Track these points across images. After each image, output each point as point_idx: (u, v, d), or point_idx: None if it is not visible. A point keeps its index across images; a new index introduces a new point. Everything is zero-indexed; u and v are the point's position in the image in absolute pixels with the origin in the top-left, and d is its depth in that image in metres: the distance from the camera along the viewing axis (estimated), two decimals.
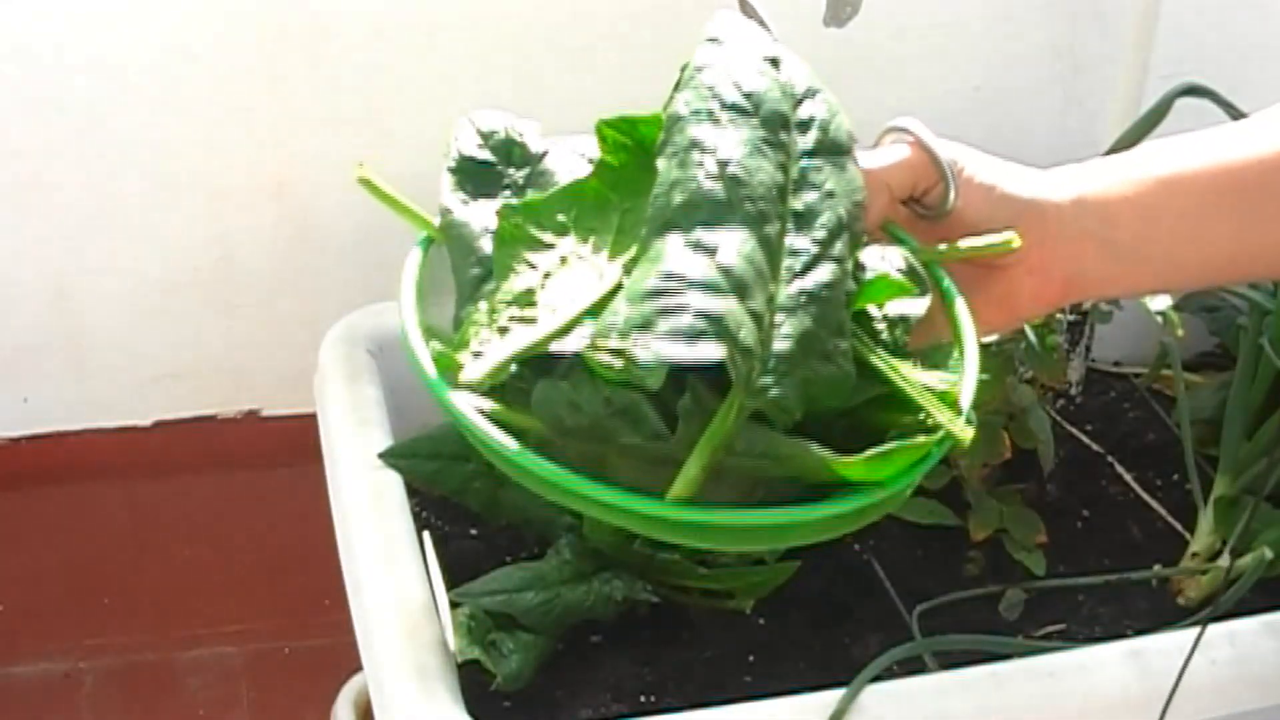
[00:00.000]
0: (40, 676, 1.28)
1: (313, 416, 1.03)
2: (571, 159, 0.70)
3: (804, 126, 0.65)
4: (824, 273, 0.61)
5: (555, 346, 0.61)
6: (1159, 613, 0.98)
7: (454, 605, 0.87)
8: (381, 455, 0.94)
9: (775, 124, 0.64)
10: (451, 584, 0.88)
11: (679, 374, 0.57)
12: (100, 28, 1.15)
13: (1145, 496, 1.09)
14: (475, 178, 0.69)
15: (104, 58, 1.16)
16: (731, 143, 0.62)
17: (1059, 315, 1.06)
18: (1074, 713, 0.83)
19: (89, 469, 1.32)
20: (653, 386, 0.56)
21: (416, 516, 0.93)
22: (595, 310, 0.61)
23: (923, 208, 0.72)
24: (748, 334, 0.57)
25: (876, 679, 0.81)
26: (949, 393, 0.63)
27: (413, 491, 0.95)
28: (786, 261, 0.61)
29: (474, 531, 1.01)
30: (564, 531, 0.94)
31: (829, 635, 0.95)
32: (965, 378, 0.64)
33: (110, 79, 1.17)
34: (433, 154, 1.25)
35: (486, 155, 0.69)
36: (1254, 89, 1.10)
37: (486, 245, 0.67)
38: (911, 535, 1.03)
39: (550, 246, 0.65)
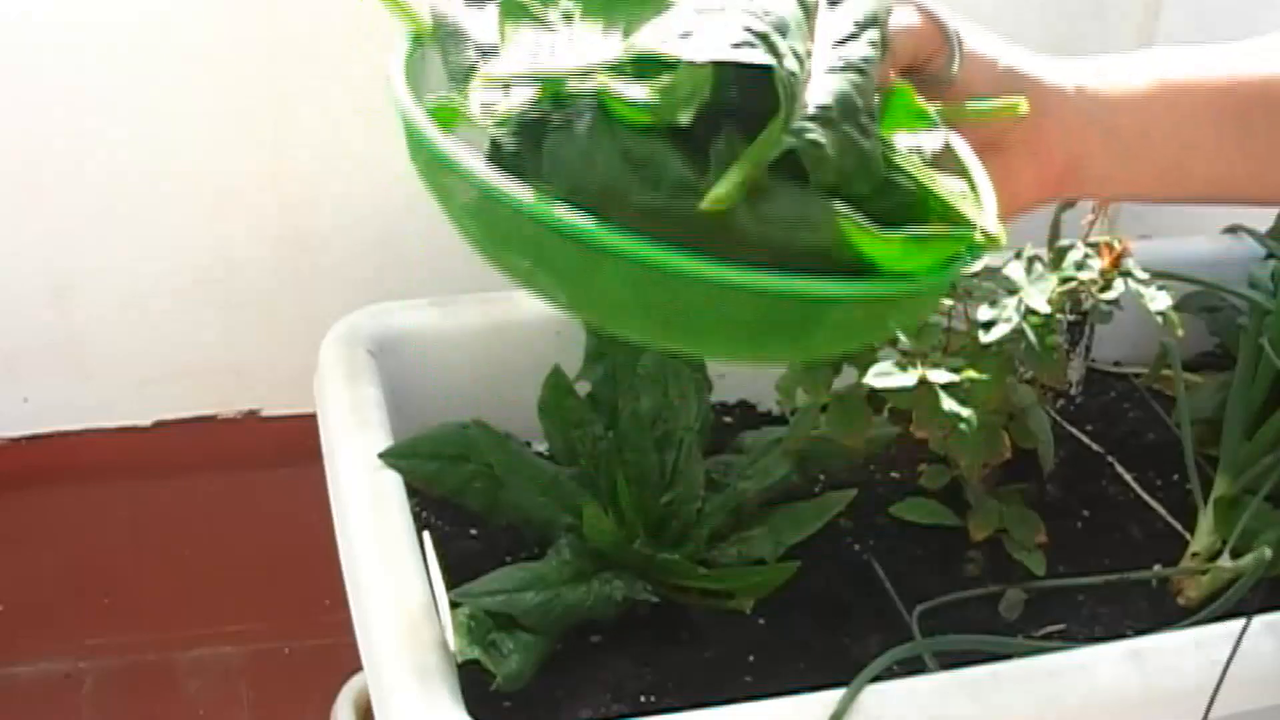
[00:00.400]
0: (40, 676, 1.28)
1: (313, 416, 1.03)
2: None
3: None
4: (860, 48, 0.58)
5: (574, 85, 0.54)
6: (1159, 613, 0.98)
7: (454, 605, 0.87)
8: (381, 455, 0.94)
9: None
10: (451, 584, 0.88)
11: (700, 126, 0.52)
12: (100, 28, 1.15)
13: (1145, 496, 1.09)
14: None
15: (104, 58, 1.16)
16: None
17: (1059, 315, 1.06)
18: (1074, 713, 0.83)
19: (89, 469, 1.32)
20: (683, 121, 0.52)
21: (416, 516, 0.93)
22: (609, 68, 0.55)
23: (924, 76, 0.69)
24: (791, 63, 0.53)
25: (876, 679, 0.81)
26: (973, 195, 0.59)
27: (413, 491, 0.95)
28: (823, 29, 0.57)
29: (474, 531, 1.01)
30: (564, 531, 0.94)
31: (829, 635, 0.95)
32: (982, 191, 0.60)
33: (110, 79, 1.17)
34: None
35: None
36: None
37: (479, 35, 0.62)
38: (911, 535, 1.03)
39: (553, 27, 0.59)
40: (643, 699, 0.90)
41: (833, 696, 0.80)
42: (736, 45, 0.52)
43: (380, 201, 1.26)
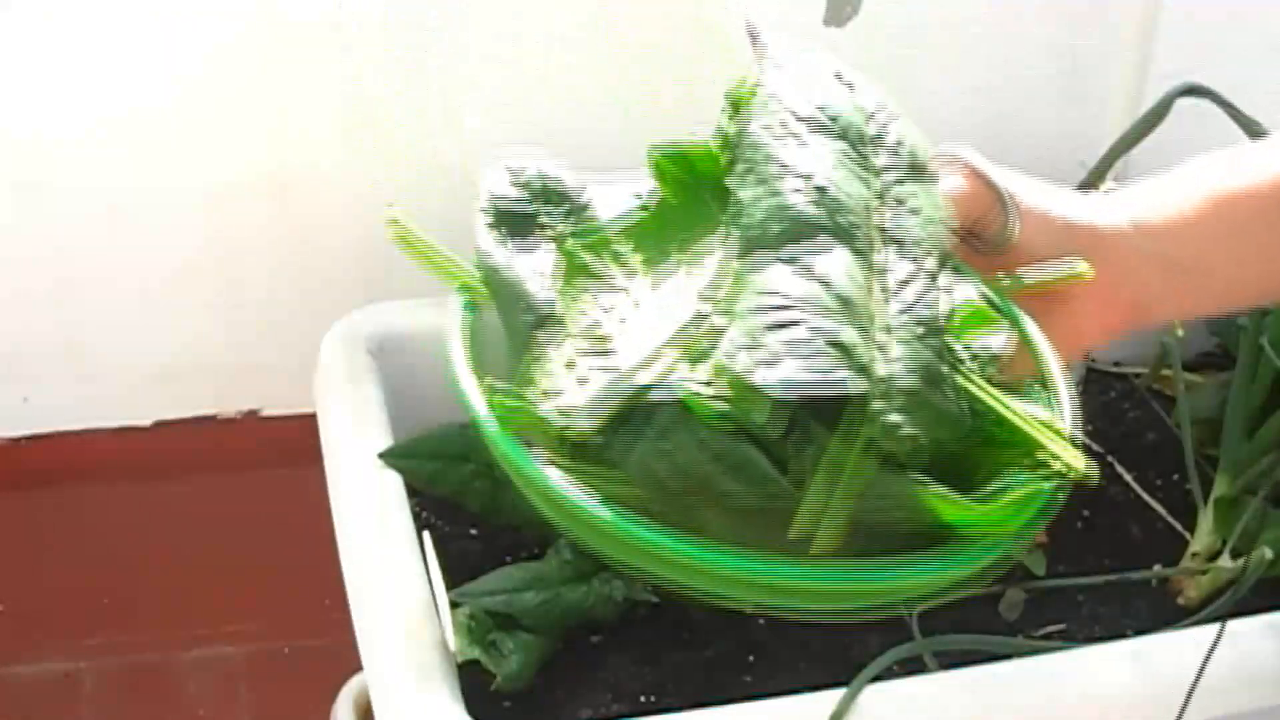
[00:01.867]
0: (40, 676, 1.28)
1: (313, 416, 1.03)
2: (614, 197, 0.66)
3: (882, 142, 0.63)
4: (925, 293, 0.59)
5: (656, 394, 0.56)
6: (1159, 613, 0.98)
7: (454, 605, 0.87)
8: (381, 455, 0.94)
9: (855, 139, 0.61)
10: (451, 584, 0.88)
11: (780, 410, 0.54)
12: (100, 27, 1.15)
13: (1145, 496, 1.09)
14: (510, 222, 0.65)
15: (104, 57, 1.16)
16: (816, 157, 0.59)
17: None
18: (1074, 712, 0.83)
19: (89, 469, 1.32)
20: (759, 421, 0.53)
21: (416, 516, 0.93)
22: (678, 349, 0.58)
23: (980, 240, 0.69)
24: (864, 353, 0.54)
25: (876, 679, 0.81)
26: (1054, 426, 0.59)
27: (413, 491, 0.95)
28: (884, 280, 0.58)
29: (474, 531, 1.01)
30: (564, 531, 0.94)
31: (829, 635, 0.95)
32: (1063, 410, 0.61)
33: (110, 78, 1.17)
34: (432, 153, 1.25)
35: (520, 197, 0.65)
36: (1254, 89, 1.10)
37: (537, 289, 0.63)
38: None
39: (615, 284, 0.62)
40: (643, 699, 0.90)
41: (833, 696, 0.80)
42: (810, 359, 0.52)
43: (380, 201, 1.26)
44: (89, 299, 1.25)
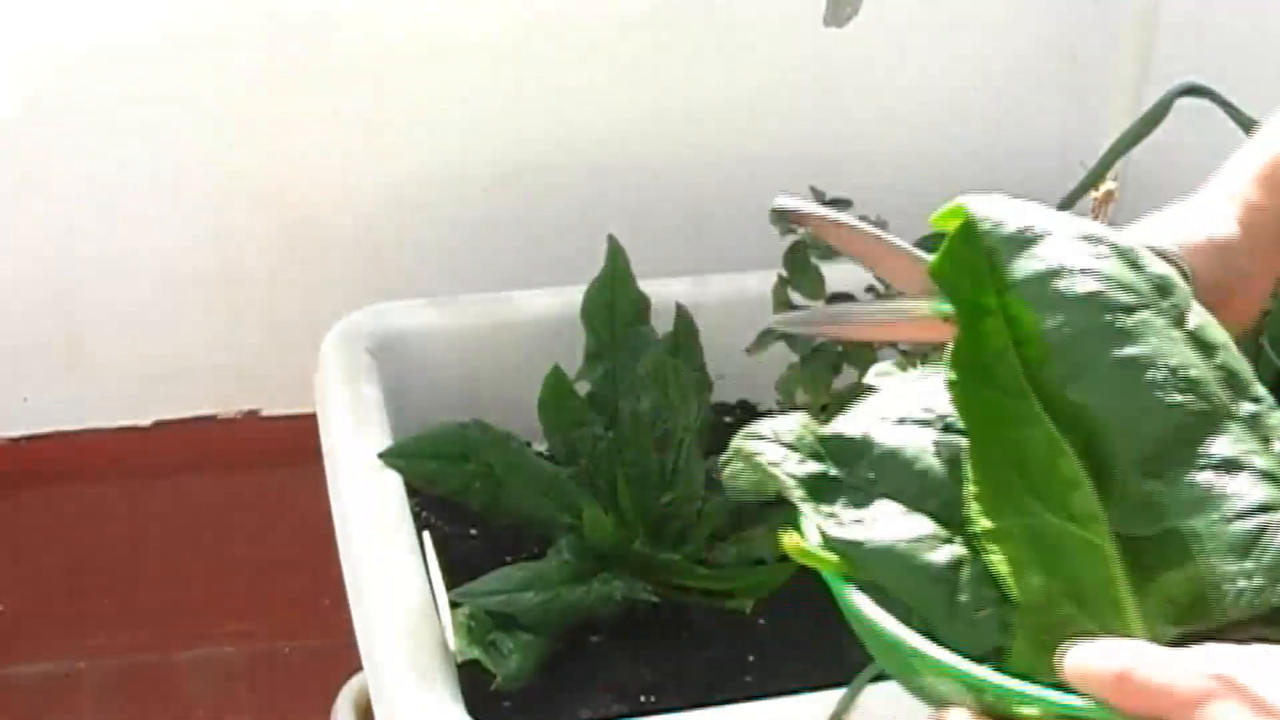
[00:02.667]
0: (40, 676, 1.28)
1: (313, 416, 1.03)
2: (899, 427, 0.60)
3: (1163, 291, 0.57)
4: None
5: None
6: None
7: (454, 605, 0.87)
8: (381, 455, 0.94)
9: (1158, 301, 0.56)
10: (451, 584, 0.88)
11: None
12: (100, 29, 1.15)
13: None
14: (819, 494, 0.58)
15: (104, 59, 1.16)
16: (1163, 344, 0.54)
17: None
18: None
19: (89, 469, 1.32)
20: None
21: (416, 516, 0.93)
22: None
23: None
24: None
25: (876, 679, 0.81)
26: None
27: (413, 491, 0.95)
28: (1259, 433, 0.55)
29: (474, 531, 1.01)
30: (564, 531, 0.94)
31: (829, 635, 0.95)
32: None
33: (111, 80, 1.17)
34: (433, 154, 1.25)
35: (813, 466, 0.59)
36: (1254, 89, 1.10)
37: (934, 555, 0.56)
38: None
39: (1009, 529, 0.56)
40: (643, 699, 0.90)
41: (833, 696, 0.80)
42: None
43: (380, 202, 1.26)
44: (89, 299, 1.25)
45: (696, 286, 1.12)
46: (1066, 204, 1.09)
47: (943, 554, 0.55)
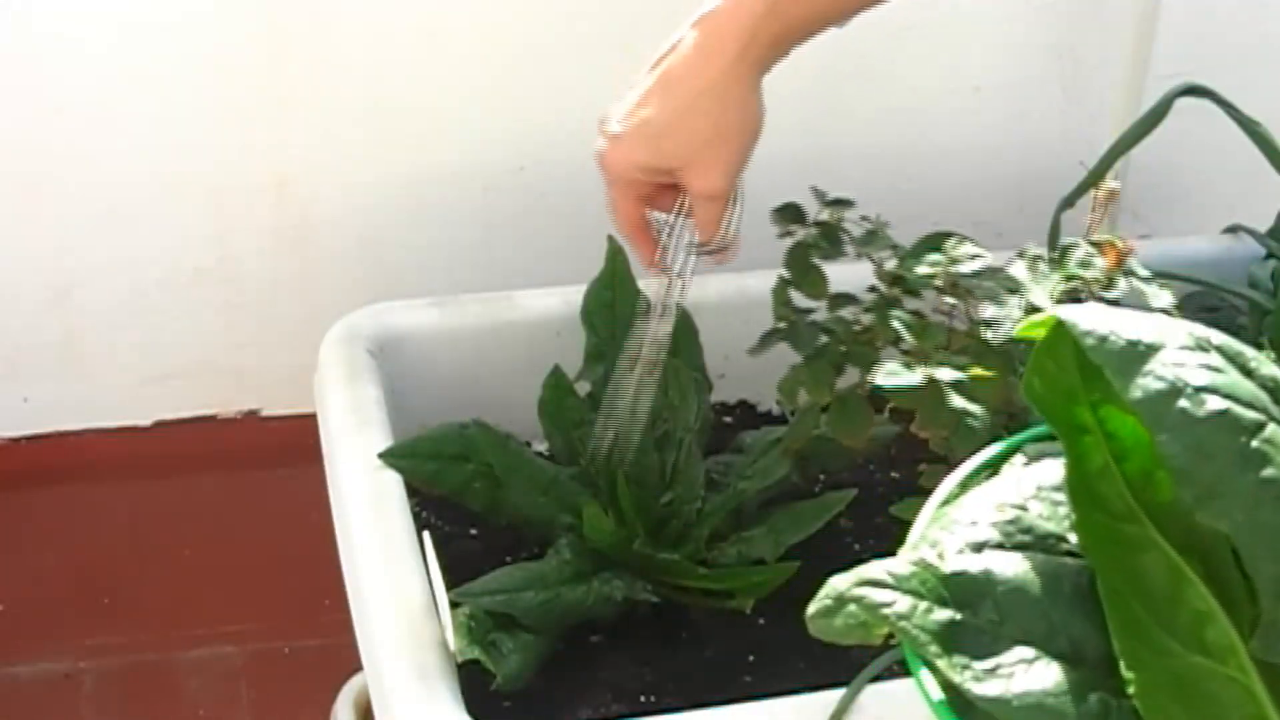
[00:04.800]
0: (40, 676, 1.28)
1: (313, 416, 1.03)
2: (1010, 556, 0.57)
3: (1277, 396, 0.54)
4: None
5: None
6: None
7: (454, 605, 0.87)
8: (381, 455, 0.94)
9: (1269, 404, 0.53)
10: (451, 584, 0.88)
11: None
12: (100, 28, 1.15)
13: None
14: (949, 642, 0.54)
15: (104, 58, 1.16)
16: None
17: None
18: None
19: (89, 469, 1.32)
20: None
21: (416, 516, 0.93)
22: None
23: None
24: None
25: (876, 679, 0.81)
26: None
27: (413, 491, 0.95)
28: None
29: (474, 531, 1.01)
30: (564, 531, 0.94)
31: None
32: None
33: (110, 79, 1.17)
34: (432, 153, 1.25)
35: (940, 613, 0.55)
36: (1254, 89, 1.10)
37: (1078, 706, 0.54)
38: None
39: (1157, 682, 0.54)
40: (643, 699, 0.90)
41: (833, 696, 0.80)
42: None
43: (380, 201, 1.26)
44: (89, 299, 1.25)
45: (696, 287, 1.12)
46: (1067, 204, 1.09)
47: (1089, 703, 0.52)
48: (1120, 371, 0.51)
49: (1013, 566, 0.55)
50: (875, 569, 0.56)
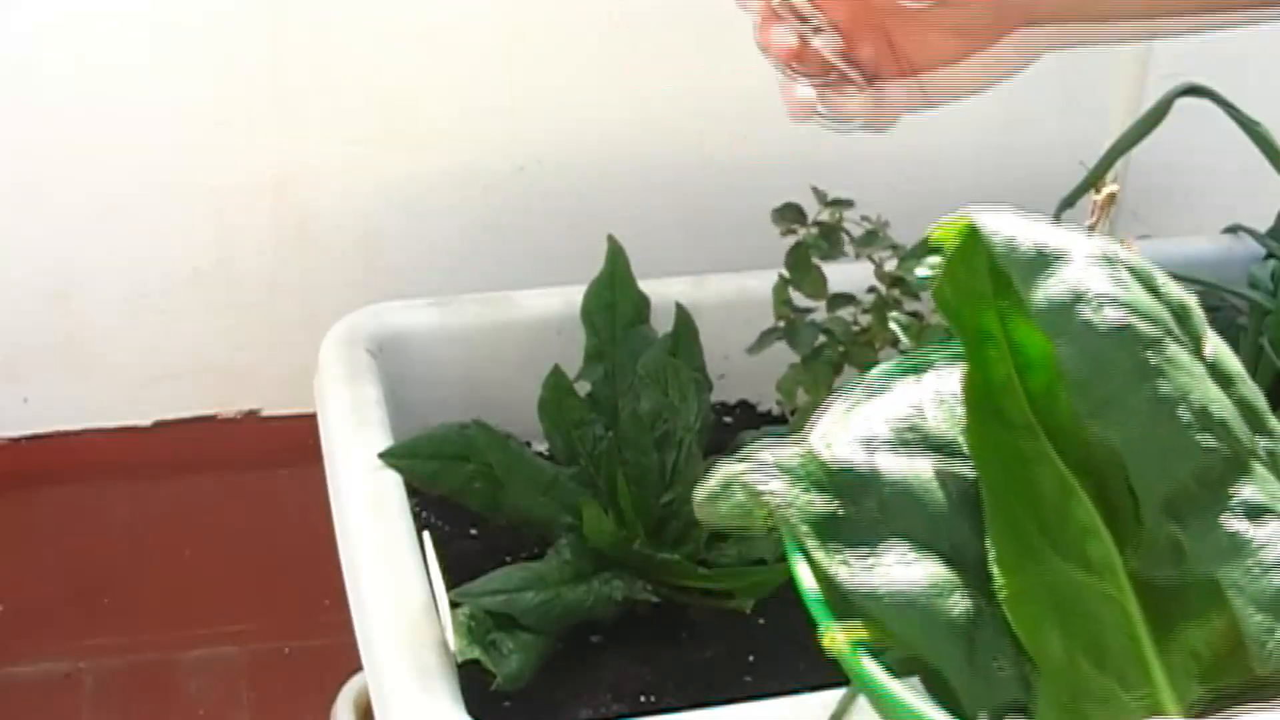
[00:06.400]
0: (40, 676, 1.28)
1: (313, 416, 1.03)
2: (905, 457, 0.57)
3: (1181, 318, 0.55)
4: None
5: None
6: None
7: (454, 605, 0.87)
8: (381, 455, 0.94)
9: (1180, 329, 0.54)
10: (451, 584, 0.88)
11: None
12: (100, 28, 1.15)
13: None
14: (825, 534, 0.55)
15: (103, 58, 1.16)
16: (1190, 381, 0.51)
17: None
18: None
19: (89, 469, 1.32)
20: None
21: (416, 516, 0.93)
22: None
23: None
24: None
25: None
26: None
27: (413, 491, 0.95)
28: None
29: (474, 531, 1.01)
30: (564, 531, 0.94)
31: None
32: None
33: (110, 79, 1.17)
34: (433, 153, 1.25)
35: (820, 502, 0.55)
36: (1254, 89, 1.10)
37: (951, 609, 0.54)
38: None
39: (1029, 588, 0.54)
40: (643, 699, 0.90)
41: (833, 696, 0.80)
42: None
43: (380, 201, 1.26)
44: (89, 299, 1.25)
45: (696, 287, 1.12)
46: (1066, 204, 1.09)
47: (960, 605, 0.53)
48: (1025, 278, 0.51)
49: (901, 466, 0.55)
50: (762, 455, 0.55)
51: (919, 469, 0.56)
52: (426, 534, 0.91)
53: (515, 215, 1.28)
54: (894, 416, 0.57)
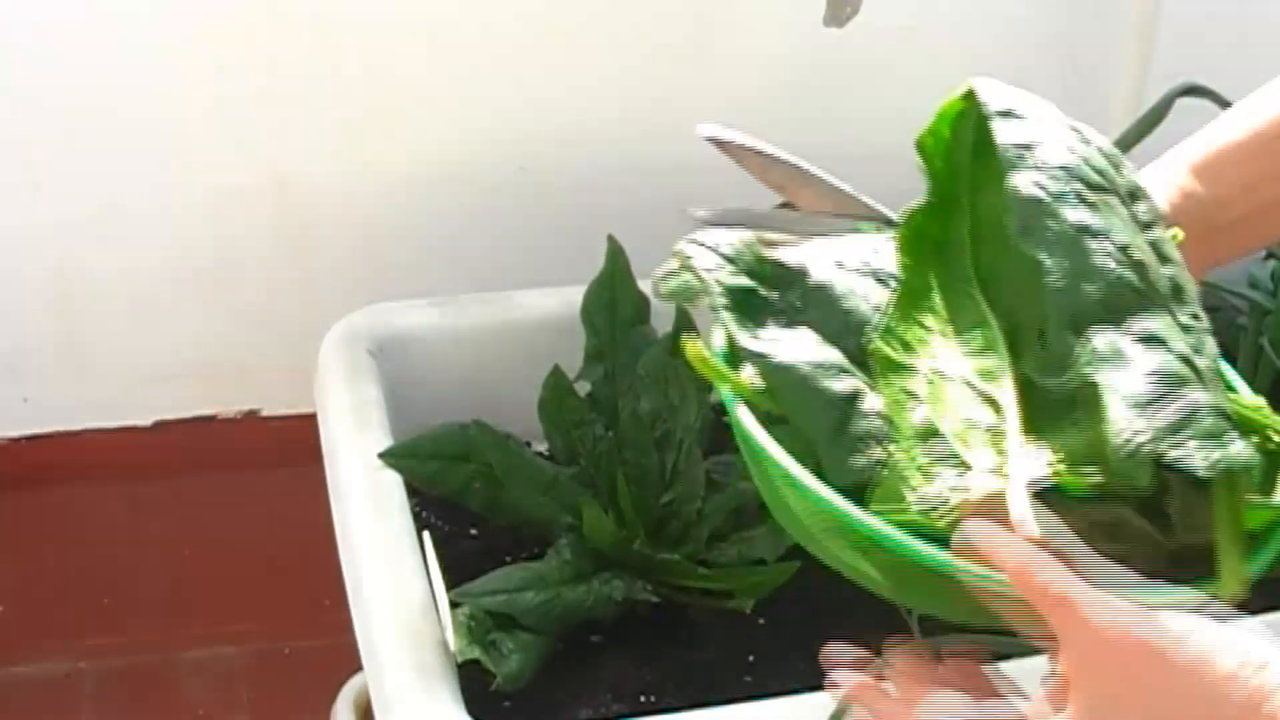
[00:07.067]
0: (40, 676, 1.28)
1: (313, 416, 1.03)
2: (837, 269, 0.64)
3: (1134, 196, 0.62)
4: (1212, 347, 0.59)
5: (1037, 472, 0.55)
6: None
7: (454, 605, 0.87)
8: (381, 455, 0.94)
9: (1128, 199, 0.61)
10: (451, 584, 0.88)
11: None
12: (100, 29, 1.15)
13: None
14: (743, 310, 0.62)
15: (104, 58, 1.16)
16: (1119, 224, 0.58)
17: None
18: None
19: (89, 469, 1.32)
20: (1143, 484, 0.54)
21: (416, 516, 0.93)
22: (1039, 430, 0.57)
23: None
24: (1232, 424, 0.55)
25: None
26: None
27: (413, 491, 0.95)
28: (1190, 339, 0.58)
29: (474, 531, 1.01)
30: (564, 531, 0.94)
31: (829, 635, 0.95)
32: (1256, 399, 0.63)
33: (110, 79, 1.17)
34: (433, 153, 1.25)
35: (745, 282, 0.62)
36: (1254, 89, 1.10)
37: (833, 383, 0.60)
38: None
39: (911, 368, 0.60)
40: (643, 699, 0.90)
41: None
42: (1217, 437, 0.54)
43: (380, 201, 1.26)
44: (89, 299, 1.25)
45: None
46: None
47: (843, 384, 0.59)
48: (996, 122, 0.61)
49: (830, 273, 0.63)
50: (708, 236, 0.63)
51: (849, 280, 0.63)
52: (426, 534, 0.91)
53: (515, 215, 1.28)
54: (849, 251, 0.65)
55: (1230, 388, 0.64)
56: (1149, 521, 0.56)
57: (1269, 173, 0.72)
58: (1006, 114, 0.63)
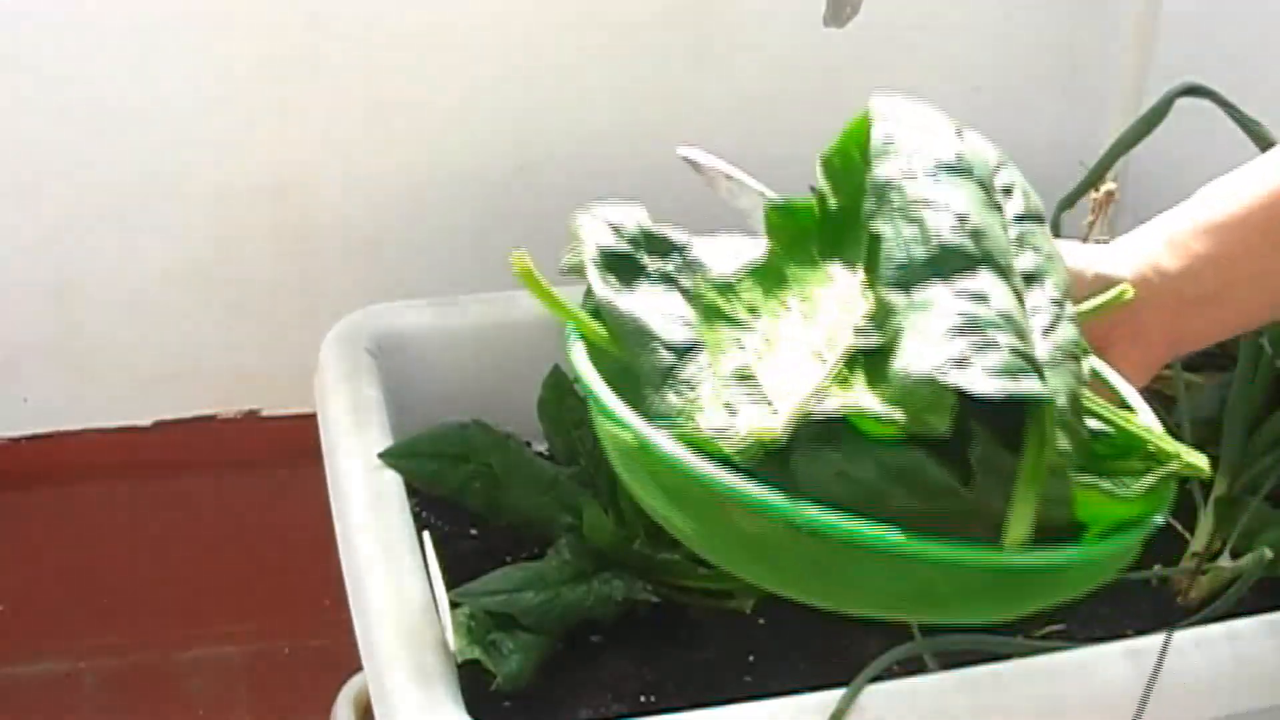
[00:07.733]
0: (40, 676, 1.28)
1: (313, 416, 1.03)
2: (718, 250, 0.68)
3: (1007, 191, 0.65)
4: (1069, 332, 0.60)
5: (830, 406, 0.57)
6: (1159, 613, 0.98)
7: (454, 605, 0.87)
8: (381, 455, 0.94)
9: (987, 185, 0.64)
10: (451, 584, 0.88)
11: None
12: (101, 28, 1.15)
13: None
14: (616, 270, 0.66)
15: (104, 59, 1.16)
16: (962, 198, 0.61)
17: None
18: (1074, 713, 0.83)
19: (89, 469, 1.32)
20: (941, 427, 0.54)
21: (416, 516, 0.93)
22: (835, 377, 0.59)
23: None
24: (1042, 374, 0.56)
25: (876, 679, 0.81)
26: (1160, 434, 0.62)
27: (413, 491, 0.95)
28: (1033, 319, 0.59)
29: (474, 531, 1.01)
30: (564, 531, 0.94)
31: (829, 635, 0.95)
32: (1153, 423, 0.64)
33: (111, 79, 1.17)
34: (432, 153, 1.25)
35: (624, 247, 0.67)
36: (1254, 89, 1.10)
37: (671, 332, 0.63)
38: None
39: (747, 325, 0.63)
40: (643, 699, 0.90)
41: (833, 696, 0.80)
42: (1012, 372, 0.55)
43: (379, 201, 1.26)
44: (89, 299, 1.25)
45: None
46: (1067, 204, 1.09)
47: (681, 334, 0.62)
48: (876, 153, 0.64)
49: (710, 246, 0.67)
50: (604, 209, 0.68)
51: (725, 247, 0.66)
52: (426, 534, 0.91)
53: (515, 215, 1.28)
54: (738, 244, 0.68)
55: (1126, 405, 0.65)
56: (948, 470, 0.57)
57: (1240, 249, 0.71)
58: (887, 119, 0.66)
